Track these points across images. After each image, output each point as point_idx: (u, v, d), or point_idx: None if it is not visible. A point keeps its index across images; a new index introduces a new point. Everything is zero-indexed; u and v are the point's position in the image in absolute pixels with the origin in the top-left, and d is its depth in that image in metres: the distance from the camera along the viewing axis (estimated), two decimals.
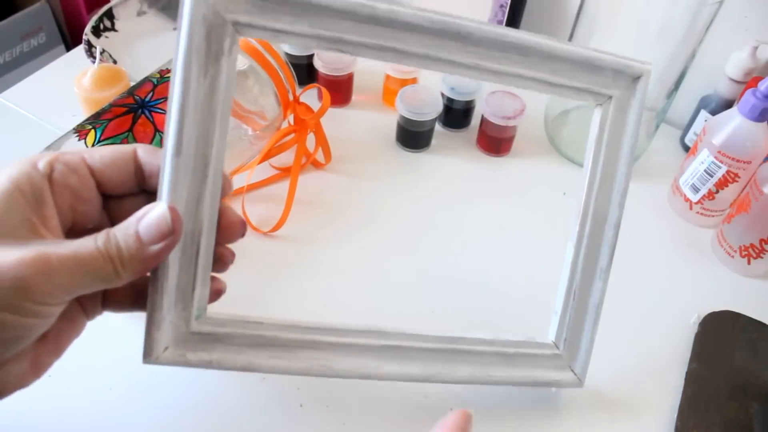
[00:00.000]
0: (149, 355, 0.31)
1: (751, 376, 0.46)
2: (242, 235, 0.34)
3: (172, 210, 0.28)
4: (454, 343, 0.38)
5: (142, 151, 0.30)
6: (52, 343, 0.29)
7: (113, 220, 0.30)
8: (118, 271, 0.27)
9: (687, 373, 0.46)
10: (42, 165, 0.28)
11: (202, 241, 0.32)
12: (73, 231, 0.29)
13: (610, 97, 0.37)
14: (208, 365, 0.32)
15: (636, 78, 0.37)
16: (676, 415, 0.43)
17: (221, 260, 0.33)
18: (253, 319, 0.35)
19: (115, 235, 0.27)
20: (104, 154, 0.29)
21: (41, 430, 0.38)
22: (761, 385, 0.45)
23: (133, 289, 0.32)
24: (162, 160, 0.30)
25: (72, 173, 0.28)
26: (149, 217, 0.28)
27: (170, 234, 0.28)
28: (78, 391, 0.40)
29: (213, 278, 0.34)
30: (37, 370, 0.29)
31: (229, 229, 0.33)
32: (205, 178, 0.31)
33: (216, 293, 0.34)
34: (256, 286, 0.48)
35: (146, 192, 0.31)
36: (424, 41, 0.33)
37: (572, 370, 0.40)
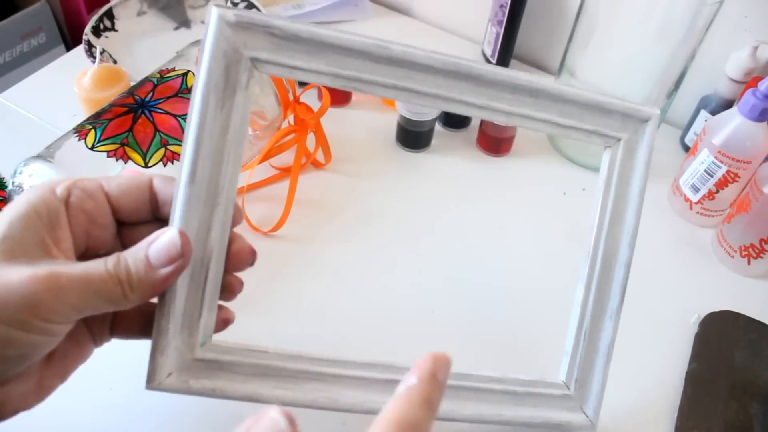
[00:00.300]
0: (152, 380, 0.31)
1: (751, 376, 0.46)
2: (251, 263, 0.34)
3: (182, 234, 0.29)
4: (462, 380, 0.38)
5: (158, 180, 0.31)
6: (58, 365, 0.30)
7: (126, 246, 0.31)
8: (126, 294, 0.27)
9: (687, 373, 0.46)
10: (60, 190, 0.28)
11: (211, 267, 0.32)
12: (87, 255, 0.30)
13: (619, 140, 0.38)
14: (211, 393, 0.32)
15: (644, 121, 0.38)
16: (676, 415, 0.43)
17: (229, 289, 0.33)
18: (258, 348, 0.34)
19: (125, 259, 0.28)
20: (121, 182, 0.30)
21: (41, 429, 0.38)
22: (761, 385, 0.45)
23: (141, 316, 0.32)
24: (176, 187, 0.30)
25: (88, 198, 0.29)
26: (159, 241, 0.28)
27: (179, 258, 0.28)
28: (78, 390, 0.40)
29: (220, 307, 0.34)
30: (41, 392, 0.29)
31: (238, 256, 0.33)
32: (217, 207, 0.32)
33: (223, 322, 0.34)
34: (256, 286, 0.48)
35: (159, 220, 0.32)
36: (436, 82, 0.34)
37: (584, 412, 0.40)
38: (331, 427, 0.41)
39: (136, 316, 0.32)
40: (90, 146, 0.42)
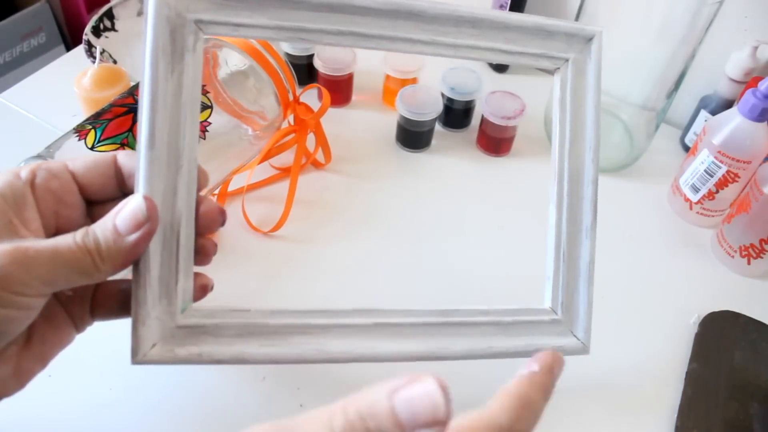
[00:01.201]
0: (137, 354, 0.31)
1: (751, 376, 0.46)
2: (222, 223, 0.34)
3: (147, 199, 0.29)
4: (450, 316, 0.37)
5: (122, 155, 0.32)
6: (37, 350, 0.30)
7: None
8: (97, 264, 0.27)
9: (687, 373, 0.46)
10: (24, 173, 0.29)
11: (181, 231, 0.32)
12: (58, 236, 0.30)
13: (567, 60, 0.39)
14: (198, 359, 0.32)
15: (589, 39, 0.39)
16: (676, 415, 0.43)
17: (203, 252, 0.33)
18: (240, 308, 0.34)
19: (93, 230, 0.28)
20: (86, 160, 0.31)
21: (41, 430, 0.38)
22: (761, 385, 0.45)
23: (120, 294, 0.32)
24: (137, 155, 0.31)
25: (54, 178, 0.30)
26: (125, 209, 0.29)
27: (146, 222, 0.29)
28: (78, 391, 0.40)
29: (198, 274, 0.34)
30: (20, 377, 0.29)
31: (207, 217, 0.33)
32: (180, 170, 0.32)
33: (201, 289, 0.34)
34: (256, 286, 0.48)
35: (127, 196, 0.32)
36: (380, 23, 0.35)
37: (574, 335, 0.39)
38: None
39: (115, 295, 0.32)
40: (90, 146, 0.42)
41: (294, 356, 0.34)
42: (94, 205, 0.32)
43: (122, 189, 0.32)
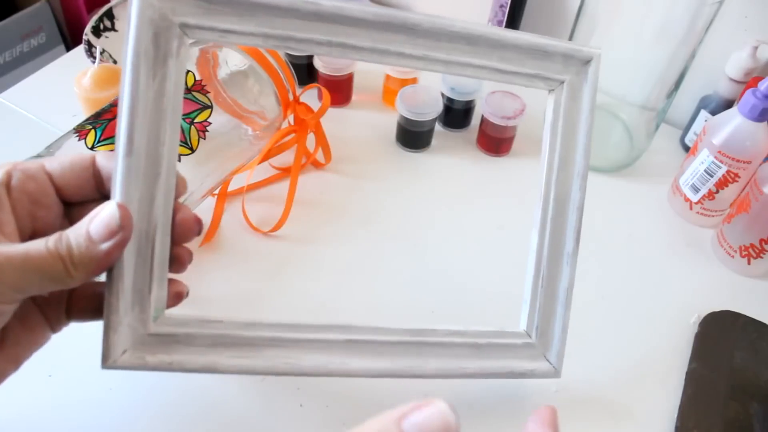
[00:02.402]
0: (107, 359, 0.30)
1: (751, 376, 0.46)
2: (198, 233, 0.33)
3: (121, 207, 0.28)
4: (423, 336, 0.37)
5: (100, 156, 0.31)
6: (10, 351, 0.29)
7: None
8: (69, 271, 0.27)
9: (687, 373, 0.46)
10: None
11: (156, 240, 0.31)
12: (34, 239, 0.29)
13: (562, 82, 0.38)
14: (168, 367, 0.32)
15: (586, 62, 0.37)
16: (676, 415, 0.43)
17: (179, 260, 0.33)
18: (213, 318, 0.34)
19: (67, 236, 0.27)
20: (63, 161, 0.30)
21: (41, 430, 0.38)
22: (761, 385, 0.45)
23: (96, 297, 0.32)
24: (114, 161, 0.30)
25: (30, 180, 0.29)
26: (99, 216, 0.28)
27: (119, 230, 0.28)
28: (78, 391, 0.40)
29: (173, 281, 0.33)
30: None
31: (183, 226, 0.33)
32: (158, 178, 0.31)
33: (176, 296, 0.33)
34: (255, 286, 0.48)
35: (106, 198, 0.31)
36: (371, 35, 0.34)
37: (547, 359, 0.39)
38: (332, 427, 0.41)
39: (90, 297, 0.32)
40: (90, 146, 0.42)
41: (265, 369, 0.34)
42: (72, 206, 0.31)
43: (101, 191, 0.31)
